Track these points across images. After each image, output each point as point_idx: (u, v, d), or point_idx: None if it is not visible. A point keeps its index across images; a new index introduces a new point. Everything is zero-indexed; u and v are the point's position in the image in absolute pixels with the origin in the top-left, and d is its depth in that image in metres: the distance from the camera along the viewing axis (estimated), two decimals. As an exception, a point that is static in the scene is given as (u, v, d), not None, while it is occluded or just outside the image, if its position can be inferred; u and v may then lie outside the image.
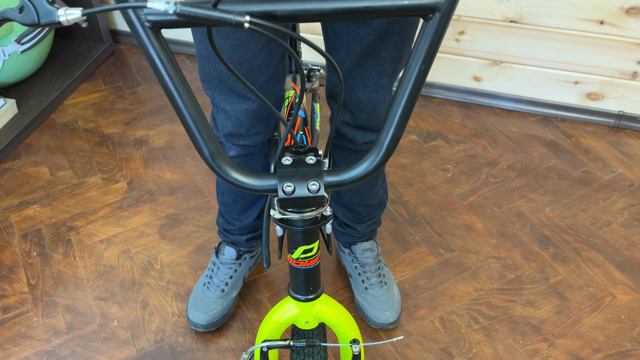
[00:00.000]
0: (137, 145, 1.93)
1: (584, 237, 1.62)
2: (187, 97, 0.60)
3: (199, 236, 1.62)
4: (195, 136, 0.62)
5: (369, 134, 1.15)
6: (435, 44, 0.57)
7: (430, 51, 0.58)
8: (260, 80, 1.02)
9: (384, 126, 0.63)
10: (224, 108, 1.07)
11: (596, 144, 1.93)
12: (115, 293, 1.48)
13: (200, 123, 0.61)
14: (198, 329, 1.37)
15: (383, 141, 0.63)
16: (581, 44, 1.87)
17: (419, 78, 0.59)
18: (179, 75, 0.59)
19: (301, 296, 0.84)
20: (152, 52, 0.57)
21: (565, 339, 1.38)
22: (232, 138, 1.13)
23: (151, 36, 0.56)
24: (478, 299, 1.47)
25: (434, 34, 0.57)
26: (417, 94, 0.60)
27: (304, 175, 0.67)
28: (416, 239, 1.62)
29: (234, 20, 0.51)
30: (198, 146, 0.63)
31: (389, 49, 0.99)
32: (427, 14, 0.56)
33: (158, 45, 0.57)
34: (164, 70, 0.58)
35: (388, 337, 1.39)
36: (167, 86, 0.59)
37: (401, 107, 0.61)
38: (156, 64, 0.57)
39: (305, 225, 0.75)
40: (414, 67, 0.59)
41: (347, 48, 1.00)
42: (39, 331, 1.40)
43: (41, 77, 2.13)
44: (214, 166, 0.64)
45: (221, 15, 0.51)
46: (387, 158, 0.64)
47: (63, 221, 1.66)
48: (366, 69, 1.02)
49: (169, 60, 0.58)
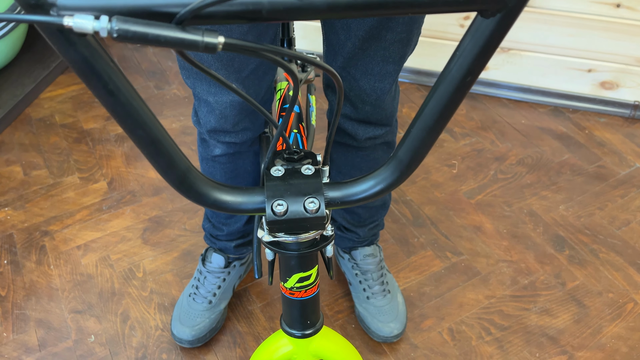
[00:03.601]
0: (119, 141, 1.79)
1: (602, 238, 1.51)
2: (141, 113, 0.45)
3: (185, 241, 1.49)
4: (157, 159, 0.48)
5: (372, 129, 1.02)
6: (491, 49, 0.42)
7: (481, 58, 0.43)
8: (247, 68, 0.89)
9: (406, 139, 0.50)
10: (206, 100, 0.94)
11: (611, 136, 1.81)
12: (92, 305, 1.35)
13: (163, 141, 0.48)
14: (183, 344, 1.25)
15: (403, 157, 0.50)
16: (595, 29, 1.74)
17: (459, 91, 0.45)
18: (125, 88, 0.43)
19: (296, 331, 0.71)
20: (80, 64, 0.41)
21: (585, 351, 1.27)
22: (217, 134, 1.00)
23: (76, 42, 0.39)
24: (489, 308, 1.35)
25: (491, 36, 0.41)
26: (453, 109, 0.47)
27: (299, 191, 0.54)
28: (421, 241, 1.50)
29: (202, 43, 0.37)
30: (163, 170, 0.50)
31: (397, 31, 0.86)
32: (487, 10, 0.41)
33: (88, 53, 0.40)
34: (101, 85, 0.42)
35: (392, 350, 1.27)
36: (110, 105, 0.44)
37: (431, 122, 0.47)
38: (88, 78, 0.42)
39: (300, 248, 0.61)
40: (455, 76, 0.44)
41: (347, 30, 0.87)
42: (9, 348, 1.27)
43: (15, 69, 1.98)
44: (184, 191, 0.51)
45: (184, 36, 0.37)
46: (404, 178, 0.51)
47: (37, 225, 1.53)
48: (370, 54, 0.89)
49: (108, 68, 0.42)
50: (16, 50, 1.94)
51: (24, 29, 1.94)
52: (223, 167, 1.09)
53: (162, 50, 2.17)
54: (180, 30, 0.37)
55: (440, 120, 0.47)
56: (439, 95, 0.46)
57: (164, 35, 0.37)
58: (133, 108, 0.45)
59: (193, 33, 0.37)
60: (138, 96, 0.45)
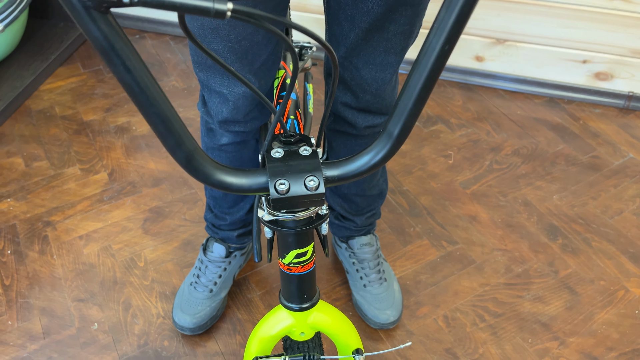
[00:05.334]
0: (119, 133, 1.81)
1: (595, 227, 1.53)
2: (154, 91, 0.48)
3: (185, 231, 1.52)
4: (166, 137, 0.51)
5: (372, 117, 1.04)
6: (464, 18, 0.46)
7: (456, 27, 0.47)
8: (260, 59, 0.92)
9: (394, 113, 0.53)
10: (219, 91, 0.97)
11: (605, 127, 1.83)
12: (95, 294, 1.38)
13: (173, 120, 0.51)
14: (185, 332, 1.28)
15: (392, 130, 0.54)
16: (590, 21, 1.76)
17: (440, 60, 0.49)
18: (140, 66, 0.47)
19: (295, 305, 0.75)
20: (101, 41, 0.44)
21: (577, 337, 1.30)
22: (227, 124, 1.03)
23: (98, 19, 0.43)
24: (484, 295, 1.38)
25: (463, 6, 0.46)
26: (435, 78, 0.50)
27: (299, 170, 0.57)
28: (417, 231, 1.52)
29: (212, 9, 0.40)
30: (171, 148, 0.52)
31: (400, 23, 0.88)
32: None
33: (108, 30, 0.44)
34: (120, 62, 0.46)
35: (388, 337, 1.30)
36: (127, 81, 0.47)
37: (416, 92, 0.51)
38: (109, 55, 0.45)
39: (297, 226, 0.65)
40: (435, 46, 0.48)
41: (351, 21, 0.89)
42: (13, 336, 1.30)
43: (14, 61, 1.99)
44: (192, 170, 0.54)
45: (197, 2, 0.40)
46: (395, 149, 0.55)
47: (39, 216, 1.55)
48: (372, 44, 0.91)
49: (126, 47, 0.45)
50: (15, 43, 1.95)
51: (23, 21, 1.95)
52: (229, 155, 1.11)
53: (161, 42, 2.18)
54: None
55: (424, 91, 0.51)
56: (422, 67, 0.50)
57: (179, 1, 0.40)
58: (147, 86, 0.48)
59: (205, 0, 0.40)
60: (151, 75, 0.49)
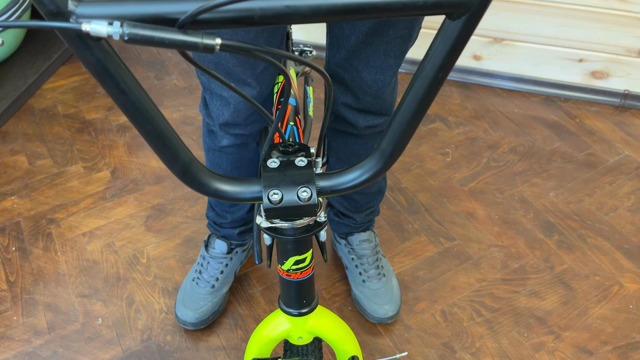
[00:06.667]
0: (121, 131, 1.83)
1: (590, 224, 1.56)
2: (149, 109, 0.50)
3: (187, 228, 1.54)
4: (163, 152, 0.53)
5: (372, 118, 1.07)
6: (459, 48, 0.47)
7: (450, 56, 0.48)
8: (261, 64, 0.94)
9: (388, 132, 0.55)
10: (221, 95, 0.99)
11: (601, 124, 1.86)
12: (98, 289, 1.40)
13: (169, 135, 0.53)
14: (187, 327, 1.30)
15: (385, 148, 0.55)
16: (586, 20, 1.78)
17: (433, 86, 0.50)
18: (135, 87, 0.48)
19: (293, 310, 0.76)
20: (95, 66, 0.46)
21: (571, 331, 1.33)
22: (228, 127, 1.05)
23: (92, 46, 0.44)
24: (481, 290, 1.41)
25: (458, 37, 0.46)
26: (429, 102, 0.52)
27: (293, 181, 0.59)
28: (415, 227, 1.55)
29: (201, 44, 0.42)
30: (168, 162, 0.55)
31: (399, 27, 0.90)
32: (453, 13, 0.46)
33: (102, 56, 0.45)
34: (114, 84, 0.47)
35: (387, 331, 1.32)
36: (122, 102, 0.49)
37: (410, 114, 0.52)
38: (103, 79, 0.47)
39: (296, 233, 0.66)
40: (429, 74, 0.49)
41: (352, 25, 0.91)
42: (19, 331, 1.32)
43: (17, 60, 2.01)
44: (188, 181, 0.56)
45: (185, 38, 0.42)
46: (388, 166, 0.57)
47: (43, 213, 1.57)
48: (372, 48, 0.93)
49: (119, 69, 0.47)
50: (18, 42, 1.97)
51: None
52: (229, 157, 1.14)
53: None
54: (182, 34, 0.42)
55: (417, 113, 0.52)
56: (415, 91, 0.51)
57: (168, 38, 0.41)
58: (142, 105, 0.50)
59: (193, 36, 0.42)
60: (146, 94, 0.50)
